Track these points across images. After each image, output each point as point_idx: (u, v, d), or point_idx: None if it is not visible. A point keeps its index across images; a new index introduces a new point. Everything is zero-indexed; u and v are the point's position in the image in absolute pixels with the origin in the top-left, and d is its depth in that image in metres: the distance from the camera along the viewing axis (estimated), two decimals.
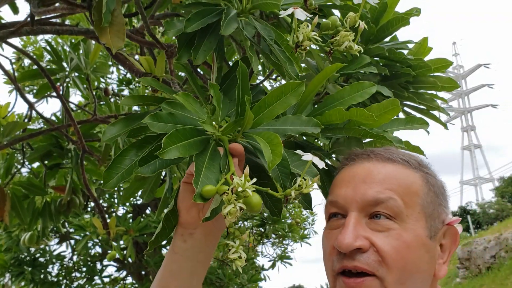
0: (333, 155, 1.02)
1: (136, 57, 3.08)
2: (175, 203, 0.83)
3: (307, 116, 0.93)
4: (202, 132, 0.79)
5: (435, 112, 1.37)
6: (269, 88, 2.73)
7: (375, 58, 1.32)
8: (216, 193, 0.71)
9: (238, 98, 0.79)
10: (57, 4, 1.71)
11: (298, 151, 0.79)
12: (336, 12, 1.16)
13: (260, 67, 2.12)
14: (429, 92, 1.36)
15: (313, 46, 1.05)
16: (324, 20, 0.92)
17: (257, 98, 0.99)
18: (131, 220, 4.73)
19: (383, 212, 0.71)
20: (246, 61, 0.99)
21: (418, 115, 1.38)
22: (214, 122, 0.81)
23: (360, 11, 0.87)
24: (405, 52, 1.33)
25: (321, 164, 0.74)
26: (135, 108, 3.98)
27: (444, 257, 0.76)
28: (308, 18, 0.81)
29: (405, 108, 1.39)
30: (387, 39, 1.32)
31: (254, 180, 0.70)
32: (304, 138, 1.02)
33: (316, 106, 0.96)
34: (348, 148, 0.95)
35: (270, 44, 0.88)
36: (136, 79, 1.35)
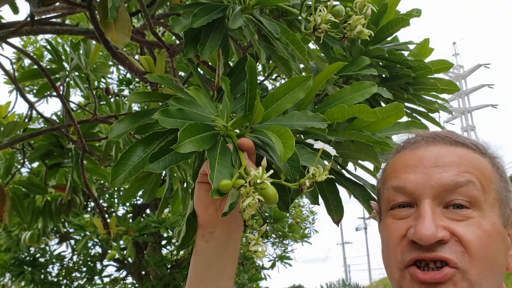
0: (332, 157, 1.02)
1: (136, 56, 3.08)
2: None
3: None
4: (211, 127, 0.79)
5: (435, 115, 1.37)
6: (269, 87, 2.73)
7: (375, 59, 1.32)
8: (232, 187, 0.71)
9: (247, 92, 0.78)
10: (57, 4, 1.71)
11: (309, 140, 0.78)
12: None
13: (260, 67, 2.12)
14: (429, 93, 1.36)
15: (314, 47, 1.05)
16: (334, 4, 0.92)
17: (262, 95, 0.99)
18: (131, 220, 4.73)
19: (460, 199, 0.65)
20: (252, 57, 1.00)
21: (417, 117, 1.38)
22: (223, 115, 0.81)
23: None
24: (406, 53, 1.33)
25: (332, 152, 0.73)
26: (135, 108, 3.98)
27: (511, 248, 0.69)
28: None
29: (405, 110, 1.39)
30: (388, 39, 1.32)
31: (271, 172, 0.69)
32: (304, 139, 1.02)
33: (316, 106, 0.96)
34: (356, 152, 0.94)
35: (273, 40, 0.89)
36: (136, 79, 1.35)
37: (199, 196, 0.81)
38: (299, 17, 0.99)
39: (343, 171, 1.03)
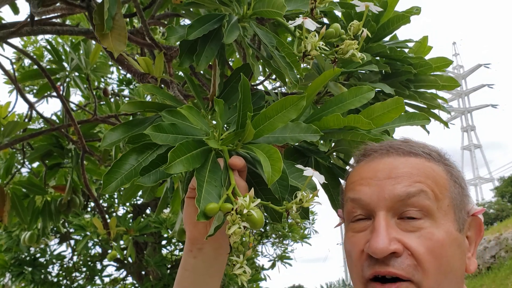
0: (334, 154, 1.03)
1: (137, 56, 3.08)
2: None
3: (305, 120, 0.93)
4: (203, 142, 0.79)
5: (436, 111, 1.37)
6: (269, 88, 2.73)
7: (376, 57, 1.32)
8: (220, 210, 0.71)
9: (239, 111, 0.78)
10: (57, 4, 1.71)
11: (299, 166, 0.78)
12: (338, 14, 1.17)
13: (260, 68, 2.12)
14: (429, 91, 1.36)
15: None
16: (329, 24, 0.92)
17: (258, 103, 0.99)
18: (131, 220, 4.73)
19: (412, 210, 0.67)
20: (248, 68, 0.99)
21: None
22: (215, 133, 0.81)
23: (364, 19, 0.86)
24: (406, 51, 1.34)
25: (321, 179, 0.73)
26: None
27: (471, 249, 0.72)
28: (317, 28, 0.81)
29: (406, 107, 1.39)
30: (387, 38, 1.32)
31: (258, 201, 0.69)
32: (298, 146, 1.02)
33: (313, 111, 0.96)
34: (352, 148, 0.94)
35: (271, 51, 0.88)
36: (136, 79, 1.35)
37: (189, 212, 0.81)
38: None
39: (347, 166, 1.03)
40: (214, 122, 0.94)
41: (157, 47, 1.31)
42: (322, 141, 0.98)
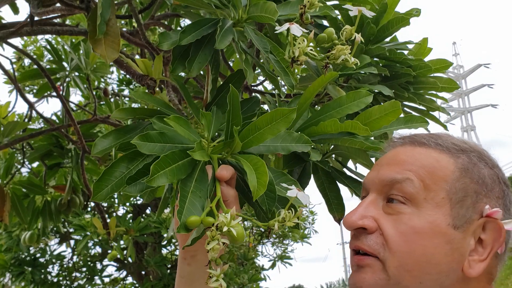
0: (333, 156, 1.03)
1: (137, 56, 3.08)
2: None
3: (303, 123, 0.93)
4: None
5: (435, 113, 1.38)
6: (269, 88, 2.73)
7: (375, 59, 1.32)
8: (201, 223, 0.71)
9: (228, 122, 0.78)
10: (56, 5, 1.71)
11: (284, 185, 0.79)
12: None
13: (259, 70, 2.12)
14: (429, 92, 1.36)
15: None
16: (328, 26, 0.91)
17: (252, 109, 0.99)
18: (131, 220, 4.73)
19: (398, 195, 0.68)
20: (242, 73, 0.99)
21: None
22: (204, 141, 0.81)
23: (356, 25, 0.86)
24: (405, 52, 1.33)
25: (305, 200, 0.73)
26: (135, 106, 3.97)
27: (484, 254, 0.68)
28: (304, 33, 0.80)
29: (405, 109, 1.39)
30: (387, 39, 1.32)
31: (240, 218, 0.69)
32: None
33: (311, 114, 0.96)
34: (349, 152, 0.94)
35: (266, 56, 0.88)
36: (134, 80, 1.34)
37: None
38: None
39: (344, 169, 1.03)
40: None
41: (153, 50, 1.30)
42: (316, 148, 0.97)
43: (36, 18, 1.73)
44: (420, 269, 0.66)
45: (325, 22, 1.17)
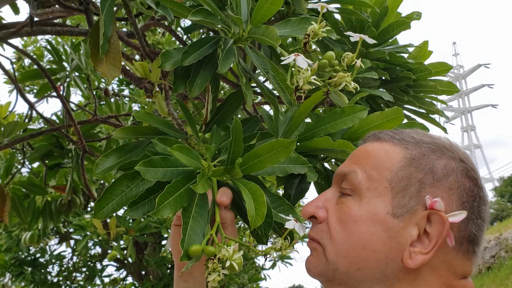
0: (333, 160, 1.03)
1: (137, 57, 3.09)
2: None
3: (299, 135, 0.95)
4: (193, 176, 0.80)
5: (435, 116, 1.38)
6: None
7: (376, 62, 1.32)
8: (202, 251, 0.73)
9: (230, 150, 0.79)
10: (56, 7, 1.71)
11: (282, 215, 0.82)
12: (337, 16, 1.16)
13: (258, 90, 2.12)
14: (429, 95, 1.36)
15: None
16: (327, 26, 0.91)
17: (252, 129, 1.00)
18: (131, 220, 4.73)
19: (346, 187, 0.72)
20: (241, 93, 0.99)
21: (417, 119, 1.39)
22: (205, 163, 0.82)
23: (357, 52, 0.86)
24: (405, 55, 1.34)
25: (301, 232, 0.76)
26: (136, 108, 3.98)
27: (428, 247, 0.65)
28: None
29: (405, 112, 1.40)
30: (388, 42, 1.32)
31: (242, 252, 0.72)
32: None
33: (306, 127, 0.98)
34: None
35: (265, 76, 0.88)
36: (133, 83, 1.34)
37: (175, 241, 0.84)
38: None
39: None
40: (206, 144, 0.95)
41: (149, 58, 1.28)
42: (312, 166, 0.98)
43: (36, 19, 1.73)
44: (356, 255, 0.67)
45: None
